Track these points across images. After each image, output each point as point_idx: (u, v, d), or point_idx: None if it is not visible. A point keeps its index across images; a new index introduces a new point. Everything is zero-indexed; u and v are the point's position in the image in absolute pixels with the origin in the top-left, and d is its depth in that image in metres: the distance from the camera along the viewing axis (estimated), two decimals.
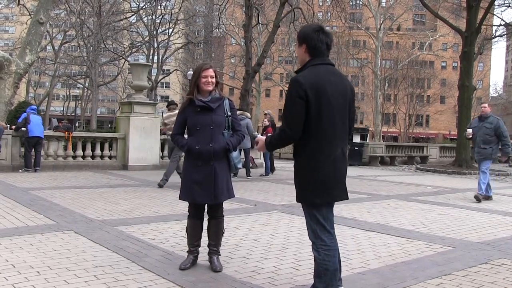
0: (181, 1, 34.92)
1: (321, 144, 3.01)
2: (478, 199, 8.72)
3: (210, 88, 3.93)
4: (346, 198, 3.18)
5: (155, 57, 36.92)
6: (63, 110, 63.36)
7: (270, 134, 13.14)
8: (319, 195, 3.03)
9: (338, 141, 3.07)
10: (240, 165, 4.09)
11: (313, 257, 3.19)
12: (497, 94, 74.74)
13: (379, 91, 43.46)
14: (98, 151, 13.49)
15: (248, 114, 12.86)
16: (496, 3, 23.36)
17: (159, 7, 35.03)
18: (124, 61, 38.89)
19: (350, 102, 3.16)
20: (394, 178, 13.87)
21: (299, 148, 3.09)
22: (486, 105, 9.31)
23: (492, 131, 8.75)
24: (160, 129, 13.84)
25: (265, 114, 14.07)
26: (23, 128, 11.79)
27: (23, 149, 12.03)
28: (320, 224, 3.08)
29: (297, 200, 3.18)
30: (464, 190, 11.03)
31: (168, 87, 67.99)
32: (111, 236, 5.02)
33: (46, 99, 48.95)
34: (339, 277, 3.18)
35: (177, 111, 5.90)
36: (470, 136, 9.21)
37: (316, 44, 3.05)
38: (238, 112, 12.02)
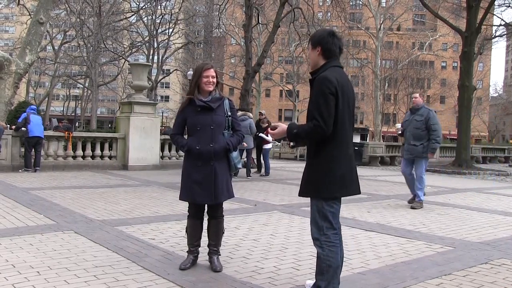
0: (181, 1, 34.91)
1: (343, 140, 3.15)
2: (414, 208, 7.66)
3: (211, 88, 3.92)
4: (359, 192, 3.34)
5: (155, 57, 36.92)
6: (63, 110, 63.37)
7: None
8: (337, 190, 3.14)
9: (351, 141, 3.27)
10: (240, 165, 4.10)
11: (313, 257, 3.20)
12: (497, 94, 74.84)
13: (379, 91, 43.46)
14: (98, 151, 13.49)
15: (251, 115, 12.84)
16: (496, 3, 23.36)
17: (159, 7, 35.02)
18: (124, 61, 38.89)
19: (354, 106, 3.33)
20: (394, 178, 13.86)
21: (320, 144, 3.14)
22: (417, 95, 8.13)
23: (423, 124, 7.68)
24: (160, 129, 13.83)
25: (261, 114, 14.05)
26: (23, 128, 11.79)
27: (23, 149, 12.03)
28: (328, 221, 3.15)
29: (307, 195, 3.21)
30: (464, 190, 11.04)
31: (168, 87, 68.02)
32: (111, 236, 5.01)
33: (46, 99, 48.95)
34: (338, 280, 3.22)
35: None
36: (400, 132, 8.14)
37: (330, 47, 3.18)
38: (240, 112, 12.10)
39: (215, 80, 3.93)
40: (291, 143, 3.30)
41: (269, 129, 3.41)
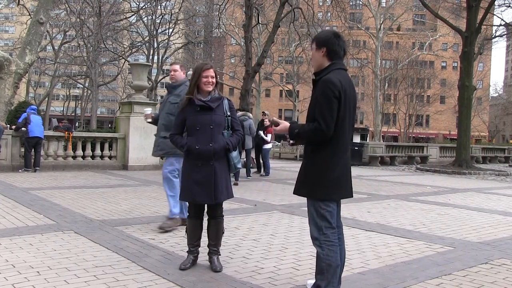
0: (181, 1, 34.92)
1: (341, 143, 3.16)
2: (163, 228, 5.34)
3: (210, 88, 3.92)
4: (352, 196, 3.34)
5: (155, 57, 36.92)
6: (63, 110, 63.39)
7: (270, 134, 13.19)
8: (332, 192, 3.16)
9: (349, 143, 3.27)
10: (239, 165, 4.10)
11: (313, 257, 3.20)
12: (497, 94, 74.87)
13: (379, 91, 43.48)
14: (98, 151, 13.49)
15: (251, 115, 12.86)
16: (496, 3, 23.35)
17: (159, 7, 35.03)
18: (124, 61, 38.90)
19: (355, 108, 3.34)
20: (394, 178, 13.87)
21: (319, 145, 3.16)
22: (177, 67, 5.67)
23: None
24: None
25: (264, 114, 14.06)
26: (23, 128, 11.79)
27: (23, 149, 12.03)
28: (327, 220, 3.15)
29: (303, 195, 3.22)
30: (464, 190, 11.04)
31: None
32: (111, 236, 5.01)
33: (46, 99, 48.96)
34: (339, 280, 3.21)
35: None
36: (150, 120, 5.68)
37: (336, 48, 3.21)
38: (241, 112, 12.11)
39: (214, 80, 3.94)
40: (291, 141, 3.29)
41: (272, 125, 3.43)
